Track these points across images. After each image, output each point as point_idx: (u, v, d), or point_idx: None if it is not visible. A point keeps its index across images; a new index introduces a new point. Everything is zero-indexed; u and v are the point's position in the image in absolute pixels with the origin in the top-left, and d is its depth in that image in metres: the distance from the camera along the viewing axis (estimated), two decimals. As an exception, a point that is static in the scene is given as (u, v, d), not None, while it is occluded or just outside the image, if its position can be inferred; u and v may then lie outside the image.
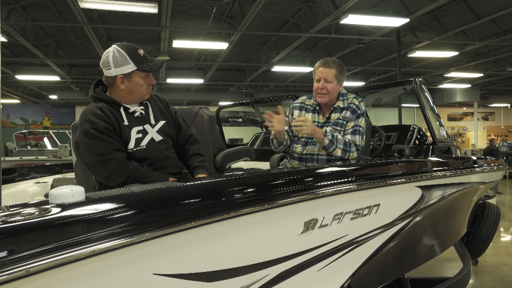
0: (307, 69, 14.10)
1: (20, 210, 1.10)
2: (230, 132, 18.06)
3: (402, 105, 11.69)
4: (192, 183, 1.57)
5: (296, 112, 2.72)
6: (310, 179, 1.75)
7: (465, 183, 2.79)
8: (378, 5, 9.43)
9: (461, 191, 2.72)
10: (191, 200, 1.36)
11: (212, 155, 2.77)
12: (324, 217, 1.74)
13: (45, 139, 12.46)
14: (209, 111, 2.89)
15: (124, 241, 1.14)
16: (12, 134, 12.70)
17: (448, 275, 3.57)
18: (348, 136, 2.53)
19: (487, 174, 3.16)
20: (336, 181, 1.79)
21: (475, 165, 2.96)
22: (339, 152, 2.46)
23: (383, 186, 2.01)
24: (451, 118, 24.68)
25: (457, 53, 12.71)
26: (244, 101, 6.60)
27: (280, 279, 1.59)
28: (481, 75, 16.30)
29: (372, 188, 1.95)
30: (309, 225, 1.68)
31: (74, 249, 1.05)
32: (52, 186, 3.46)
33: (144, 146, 2.05)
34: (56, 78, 15.31)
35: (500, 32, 11.55)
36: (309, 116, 2.66)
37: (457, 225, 2.96)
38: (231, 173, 1.74)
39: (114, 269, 1.18)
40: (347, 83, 14.94)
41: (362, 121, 2.60)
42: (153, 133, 2.09)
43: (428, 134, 3.87)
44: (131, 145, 2.02)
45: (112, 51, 1.99)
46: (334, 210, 1.79)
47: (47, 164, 4.38)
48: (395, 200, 2.15)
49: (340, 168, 1.97)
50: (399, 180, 2.12)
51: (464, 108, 24.46)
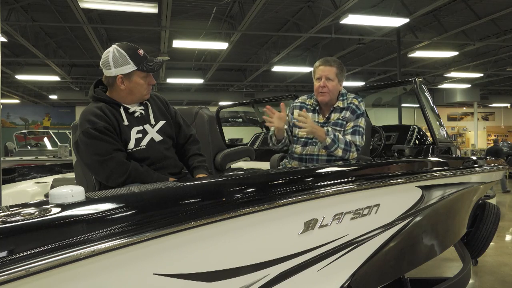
0: (307, 69, 14.11)
1: (20, 210, 1.10)
2: (230, 132, 18.06)
3: (402, 105, 11.69)
4: (192, 183, 1.57)
5: (296, 112, 2.73)
6: (310, 179, 1.75)
7: (465, 183, 2.79)
8: (378, 5, 9.43)
9: (461, 191, 2.72)
10: (191, 200, 1.36)
11: (212, 155, 2.77)
12: (324, 217, 1.74)
13: (45, 139, 12.47)
14: (209, 111, 2.89)
15: (124, 241, 1.14)
16: (12, 134, 12.72)
17: (448, 275, 3.57)
18: (348, 137, 2.53)
19: (487, 174, 3.17)
20: (336, 181, 1.79)
21: (475, 165, 2.96)
22: (340, 152, 2.46)
23: (383, 186, 2.01)
24: (451, 118, 24.69)
25: (457, 53, 12.72)
26: (244, 101, 6.60)
27: (280, 279, 1.59)
28: (481, 75, 16.31)
29: (372, 188, 1.95)
30: (309, 225, 1.68)
31: (74, 249, 1.05)
32: (52, 186, 3.46)
33: (144, 146, 2.05)
34: (56, 78, 15.32)
35: (500, 32, 11.56)
36: (309, 116, 2.66)
37: (457, 225, 2.96)
38: (231, 173, 1.74)
39: (114, 269, 1.18)
40: (347, 83, 14.97)
41: (362, 121, 2.60)
42: (153, 133, 2.09)
43: (428, 134, 3.87)
44: (131, 145, 2.02)
45: (112, 51, 2.00)
46: (334, 210, 1.79)
47: (47, 164, 4.38)
48: (395, 200, 2.15)
49: (340, 168, 1.97)
50: (399, 180, 2.12)
51: (464, 108, 24.46)
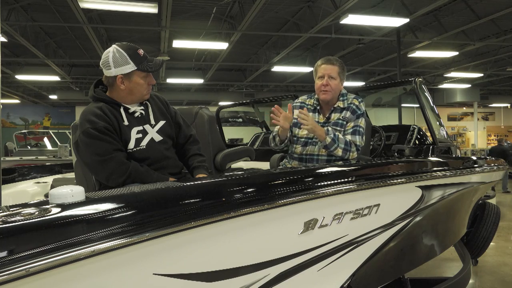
0: (307, 69, 14.10)
1: (20, 210, 1.10)
2: (230, 132, 18.06)
3: (402, 105, 11.69)
4: (192, 183, 1.57)
5: (296, 112, 2.72)
6: (310, 179, 1.75)
7: (465, 183, 2.79)
8: (378, 5, 9.43)
9: (461, 191, 2.72)
10: (191, 200, 1.36)
11: (212, 155, 2.77)
12: (324, 217, 1.74)
13: (45, 139, 12.47)
14: (209, 111, 2.89)
15: (124, 241, 1.14)
16: (12, 134, 12.72)
17: (448, 275, 3.57)
18: (348, 136, 2.53)
19: (487, 174, 3.17)
20: (336, 181, 1.79)
21: (475, 165, 2.96)
22: (340, 152, 2.46)
23: (383, 186, 2.01)
24: (451, 118, 24.69)
25: (457, 53, 12.72)
26: (244, 101, 6.59)
27: (280, 279, 1.59)
28: (481, 75, 16.31)
29: (372, 188, 1.95)
30: (309, 225, 1.68)
31: (74, 249, 1.05)
32: (52, 186, 3.46)
33: (144, 146, 2.05)
34: (56, 78, 15.32)
35: (500, 32, 11.56)
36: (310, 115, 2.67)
37: (457, 225, 2.96)
38: (231, 173, 1.74)
39: (114, 269, 1.18)
40: (347, 83, 14.95)
41: (362, 122, 2.60)
42: (153, 133, 2.09)
43: (428, 134, 3.87)
44: (131, 145, 2.02)
45: (112, 51, 2.00)
46: (334, 210, 1.78)
47: (47, 164, 4.38)
48: (395, 200, 2.15)
49: (340, 168, 1.97)
50: (399, 180, 2.12)
51: (464, 108, 24.46)
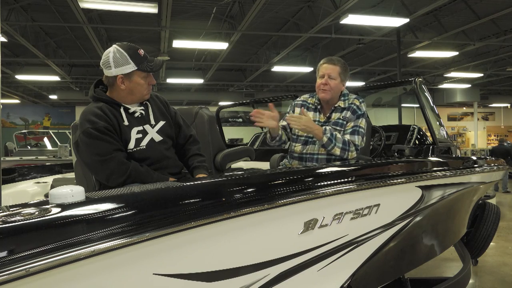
0: (307, 69, 14.10)
1: (20, 210, 1.10)
2: (230, 132, 18.06)
3: (402, 105, 11.69)
4: (192, 183, 1.57)
5: (297, 110, 2.72)
6: (310, 179, 1.75)
7: (465, 183, 2.79)
8: (378, 5, 9.43)
9: (461, 191, 2.72)
10: (191, 200, 1.36)
11: (212, 155, 2.77)
12: (324, 217, 1.74)
13: (45, 139, 12.47)
14: (209, 111, 2.89)
15: (124, 241, 1.14)
16: (12, 134, 12.72)
17: (448, 275, 3.57)
18: (347, 136, 2.52)
19: (487, 174, 3.17)
20: (336, 181, 1.79)
21: (475, 165, 2.96)
22: (338, 151, 2.46)
23: (383, 186, 2.01)
24: (451, 118, 24.69)
25: (457, 53, 12.72)
26: (244, 101, 6.59)
27: (280, 279, 1.59)
28: (481, 75, 16.31)
29: (372, 188, 1.95)
30: (309, 225, 1.68)
31: (74, 249, 1.05)
32: (52, 186, 3.46)
33: (144, 146, 2.05)
34: (56, 78, 15.32)
35: (500, 32, 11.56)
36: (310, 115, 2.66)
37: (457, 225, 2.96)
38: (231, 173, 1.74)
39: (114, 269, 1.18)
40: (348, 83, 14.86)
41: (363, 122, 2.59)
42: (153, 133, 2.10)
43: (428, 134, 3.87)
44: (131, 145, 2.02)
45: (113, 51, 2.00)
46: (334, 210, 1.78)
47: (47, 164, 4.37)
48: (395, 200, 2.15)
49: (340, 168, 1.97)
50: (399, 180, 2.12)
51: (464, 108, 24.46)
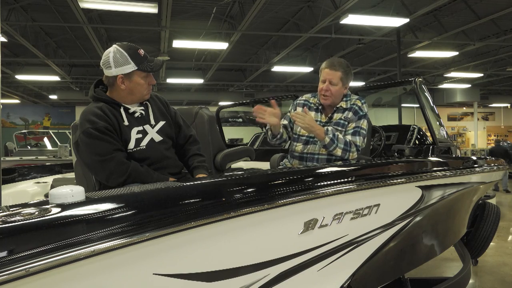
0: (307, 69, 14.10)
1: (20, 210, 1.10)
2: (230, 132, 18.06)
3: (402, 105, 11.69)
4: (192, 183, 1.57)
5: (299, 109, 2.72)
6: (310, 179, 1.75)
7: (465, 183, 2.79)
8: (378, 5, 9.43)
9: (461, 191, 2.72)
10: (191, 200, 1.36)
11: (212, 155, 2.77)
12: (324, 217, 1.74)
13: (45, 139, 12.47)
14: (209, 111, 2.89)
15: (124, 241, 1.14)
16: (12, 134, 12.72)
17: (448, 275, 3.57)
18: (349, 137, 2.52)
19: (487, 174, 3.17)
20: (336, 181, 1.79)
21: (475, 165, 2.96)
22: (339, 152, 2.46)
23: (383, 186, 2.01)
24: (451, 118, 24.69)
25: (457, 53, 12.72)
26: (244, 101, 6.59)
27: (280, 279, 1.59)
28: (481, 75, 16.31)
29: (372, 188, 1.95)
30: (309, 225, 1.68)
31: (74, 249, 1.05)
32: (52, 186, 3.46)
33: (144, 146, 2.05)
34: (56, 78, 15.32)
35: (500, 32, 11.56)
36: (312, 115, 2.66)
37: (457, 225, 2.96)
38: (231, 173, 1.74)
39: (114, 269, 1.18)
40: (347, 83, 14.84)
41: (364, 123, 2.58)
42: (153, 134, 2.10)
43: (428, 134, 3.87)
44: (131, 145, 2.02)
45: (113, 51, 2.00)
46: (334, 210, 1.79)
47: (47, 164, 4.37)
48: (395, 200, 2.15)
49: (340, 168, 1.97)
50: (399, 180, 2.12)
51: (464, 108, 24.46)
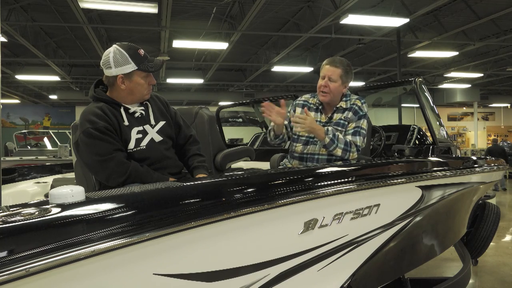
0: (307, 69, 14.10)
1: (20, 210, 1.10)
2: (230, 132, 18.05)
3: (402, 105, 11.68)
4: (192, 183, 1.57)
5: (299, 110, 2.72)
6: (310, 179, 1.75)
7: (465, 183, 2.79)
8: (378, 5, 9.43)
9: (461, 191, 2.72)
10: (191, 200, 1.36)
11: (212, 155, 2.77)
12: (324, 217, 1.74)
13: (45, 139, 12.47)
14: (209, 111, 2.89)
15: (124, 241, 1.14)
16: (12, 134, 12.72)
17: (448, 275, 3.57)
18: (349, 137, 2.52)
19: (487, 174, 3.16)
20: (336, 181, 1.79)
21: (475, 165, 2.96)
22: (340, 152, 2.46)
23: (383, 186, 2.01)
24: (451, 118, 24.68)
25: (457, 53, 12.71)
26: (244, 101, 6.59)
27: (280, 279, 1.59)
28: (481, 75, 16.30)
29: (372, 188, 1.95)
30: (309, 225, 1.68)
31: (74, 249, 1.05)
32: (52, 186, 3.46)
33: (144, 147, 2.05)
34: (56, 78, 15.32)
35: (500, 32, 11.55)
36: (312, 115, 2.66)
37: (457, 225, 2.96)
38: (231, 173, 1.74)
39: (114, 269, 1.18)
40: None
41: (364, 123, 2.58)
42: (153, 134, 2.10)
43: (428, 134, 3.87)
44: (131, 145, 2.02)
45: (113, 51, 2.00)
46: (334, 210, 1.79)
47: (47, 164, 4.37)
48: (395, 200, 2.15)
49: (340, 168, 1.97)
50: (399, 180, 2.12)
51: (464, 108, 24.46)
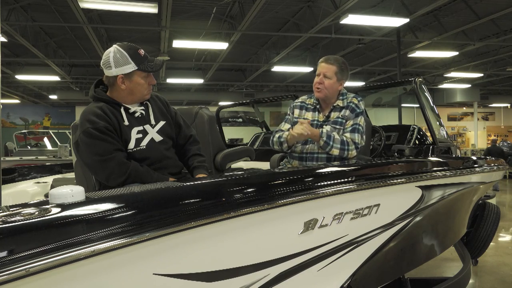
0: (307, 69, 14.09)
1: (20, 210, 1.10)
2: (230, 132, 18.06)
3: (402, 105, 11.68)
4: (192, 183, 1.57)
5: (297, 111, 2.73)
6: (310, 179, 1.75)
7: (465, 183, 2.79)
8: (378, 5, 9.43)
9: (461, 191, 2.72)
10: (191, 200, 1.36)
11: (212, 155, 2.77)
12: (324, 217, 1.74)
13: (45, 139, 12.47)
14: (209, 111, 2.89)
15: (124, 241, 1.14)
16: (12, 134, 12.72)
17: (448, 275, 3.57)
18: (347, 134, 2.54)
19: (487, 174, 3.16)
20: (336, 181, 1.79)
21: (475, 165, 2.96)
22: (337, 151, 2.48)
23: (383, 186, 2.01)
24: (451, 118, 24.68)
25: (457, 53, 12.71)
26: (244, 101, 6.60)
27: (280, 279, 1.59)
28: (481, 75, 16.30)
29: (372, 188, 1.95)
30: (309, 225, 1.68)
31: (74, 249, 1.05)
32: (52, 186, 3.46)
33: (144, 146, 2.05)
34: (56, 78, 15.32)
35: (500, 32, 11.55)
36: (309, 115, 2.67)
37: (457, 225, 2.96)
38: (231, 173, 1.74)
39: (114, 269, 1.18)
40: (348, 83, 14.88)
41: (362, 120, 2.61)
42: (153, 133, 2.10)
43: (428, 134, 3.87)
44: (131, 145, 2.02)
45: (113, 51, 2.00)
46: (334, 210, 1.79)
47: (47, 164, 4.37)
48: (395, 200, 2.15)
49: (340, 168, 1.97)
50: (399, 180, 2.12)
51: (464, 108, 24.45)
